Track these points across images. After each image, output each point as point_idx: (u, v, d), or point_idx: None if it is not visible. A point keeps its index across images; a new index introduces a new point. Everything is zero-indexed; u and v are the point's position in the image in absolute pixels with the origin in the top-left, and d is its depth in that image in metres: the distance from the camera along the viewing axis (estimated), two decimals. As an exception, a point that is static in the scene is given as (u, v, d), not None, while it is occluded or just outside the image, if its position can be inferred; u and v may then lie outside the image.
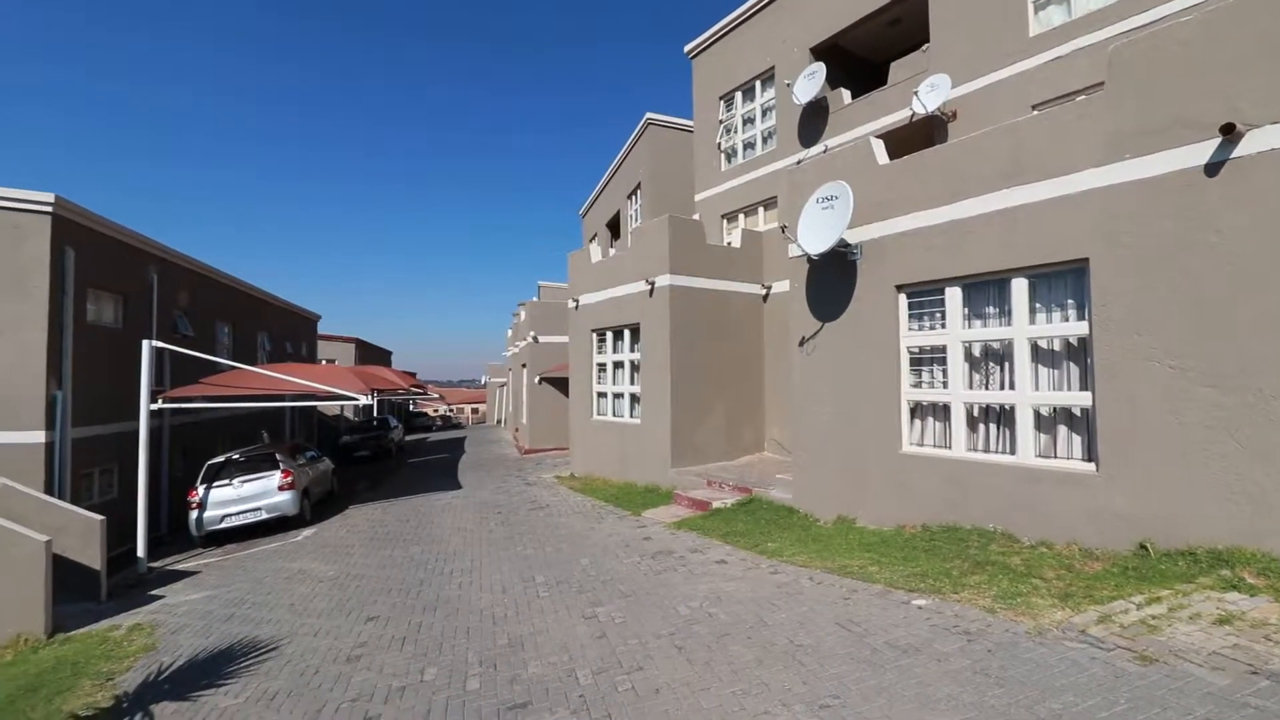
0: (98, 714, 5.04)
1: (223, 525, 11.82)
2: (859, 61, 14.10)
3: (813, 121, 13.44)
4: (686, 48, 16.96)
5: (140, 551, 10.37)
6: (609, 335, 14.47)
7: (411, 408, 47.09)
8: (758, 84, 15.05)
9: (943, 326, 7.47)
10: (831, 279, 8.60)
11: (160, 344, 11.24)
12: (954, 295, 7.34)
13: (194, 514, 11.80)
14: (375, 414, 27.55)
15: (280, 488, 12.16)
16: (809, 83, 12.97)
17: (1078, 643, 4.41)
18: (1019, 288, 6.75)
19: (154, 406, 11.14)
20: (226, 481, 12.08)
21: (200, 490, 11.97)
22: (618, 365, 14.27)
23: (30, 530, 7.93)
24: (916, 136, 11.43)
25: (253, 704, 4.87)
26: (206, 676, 5.51)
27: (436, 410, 58.00)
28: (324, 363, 28.52)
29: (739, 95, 15.56)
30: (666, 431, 12.22)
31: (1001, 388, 6.99)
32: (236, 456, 12.75)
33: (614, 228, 25.72)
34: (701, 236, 13.01)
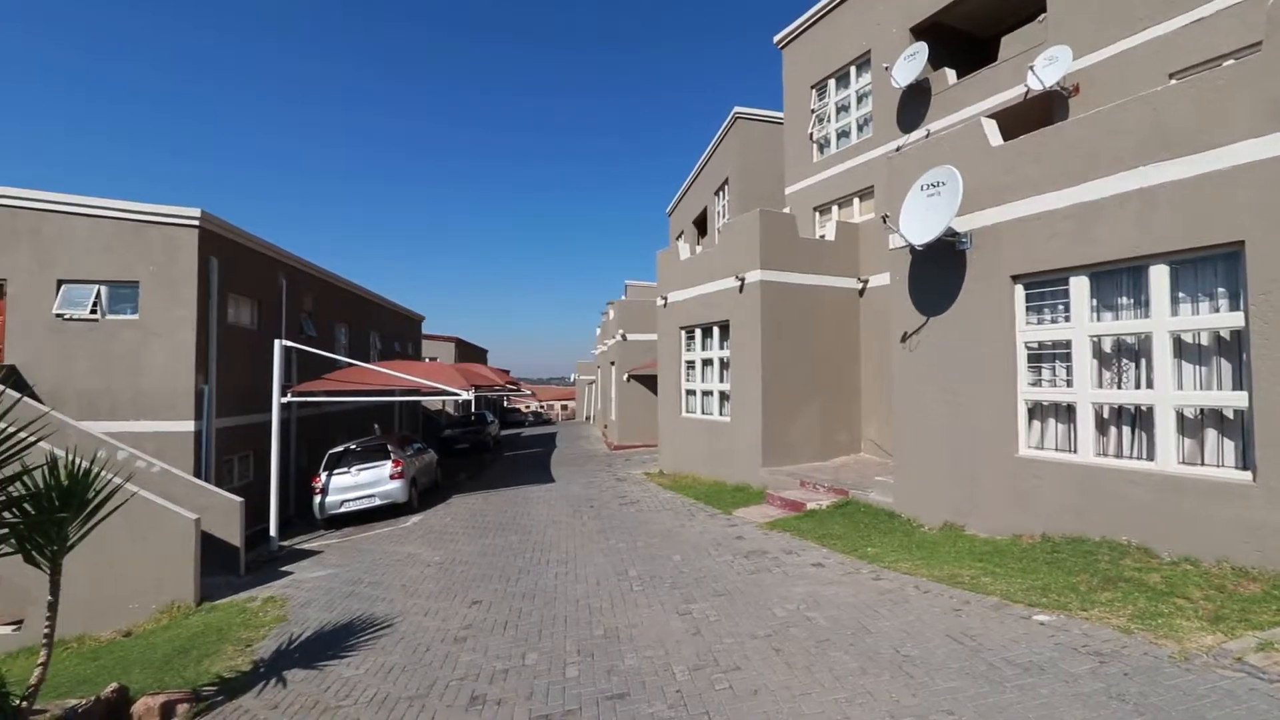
0: (238, 676, 5.59)
1: (342, 509, 12.83)
2: (964, 38, 13.23)
3: (913, 105, 12.75)
4: (776, 38, 16.57)
5: (272, 531, 11.43)
6: (698, 332, 14.40)
7: (505, 404, 49.03)
8: (852, 69, 14.47)
9: (1066, 320, 6.87)
10: (937, 270, 8.12)
11: (289, 343, 12.34)
12: (1080, 285, 6.73)
13: (317, 498, 12.88)
14: (473, 409, 28.91)
15: (391, 476, 13.03)
16: (909, 64, 12.31)
17: (1233, 671, 3.93)
18: (1159, 276, 6.09)
19: (284, 400, 12.23)
20: (345, 469, 13.10)
21: (322, 477, 13.04)
22: (707, 362, 14.19)
23: (183, 509, 8.93)
24: (1031, 115, 10.57)
25: (371, 676, 5.24)
26: (331, 648, 5.98)
27: (528, 407, 60.00)
28: (428, 360, 30.24)
29: (832, 83, 15.02)
30: (757, 430, 12.01)
31: (1137, 387, 6.34)
32: (354, 447, 13.78)
33: (701, 225, 25.58)
34: (793, 230, 12.69)
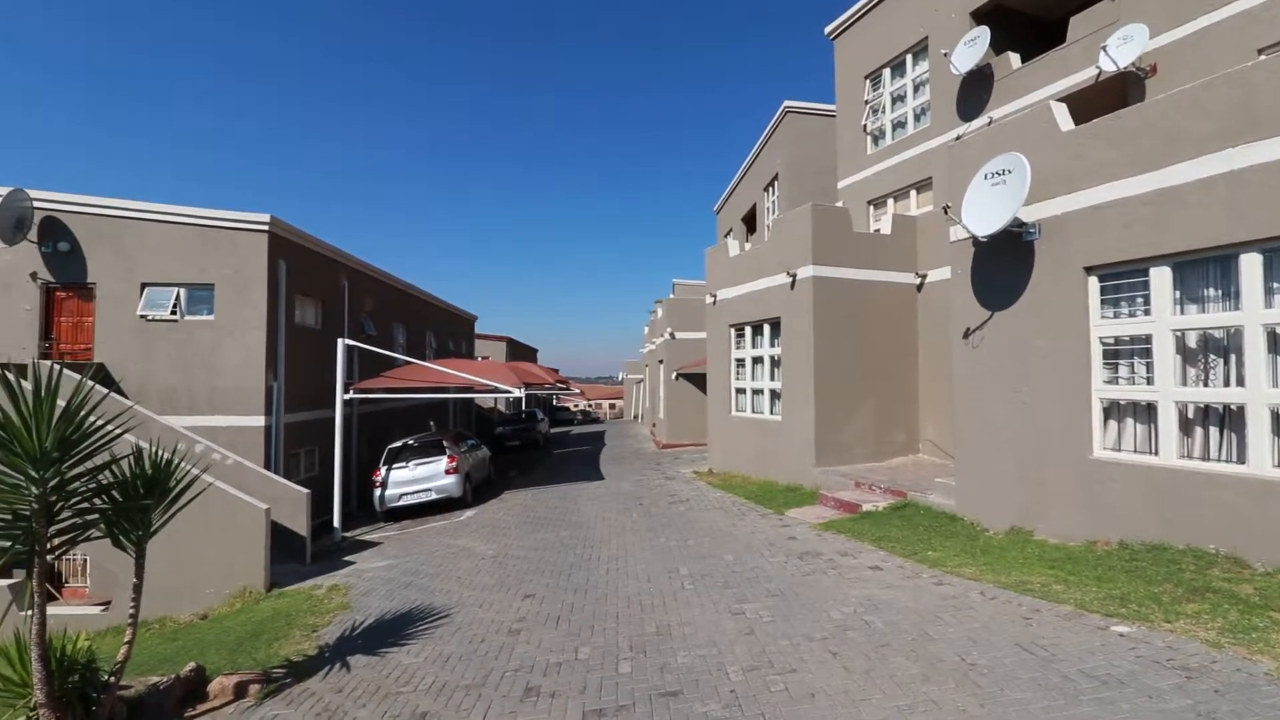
0: (305, 660, 5.83)
1: (400, 503, 13.25)
2: (1028, 21, 12.63)
3: (974, 92, 12.25)
4: (827, 29, 16.20)
5: (336, 522, 11.89)
6: (748, 330, 14.23)
7: (555, 403, 49.65)
8: (908, 58, 14.01)
9: (1146, 313, 6.46)
10: (1002, 263, 7.77)
11: (351, 342, 12.81)
12: (1161, 276, 6.32)
13: (378, 492, 13.35)
14: (524, 407, 29.39)
15: (446, 471, 13.39)
16: (970, 50, 11.83)
17: (1345, 695, 3.60)
18: (1250, 265, 5.65)
19: (346, 396, 12.71)
20: (403, 464, 13.52)
21: (382, 471, 13.50)
22: (757, 360, 14.00)
23: (254, 499, 9.37)
24: (1104, 99, 9.99)
25: (430, 664, 5.37)
26: (391, 635, 6.17)
27: (577, 405, 60.57)
28: (480, 359, 30.91)
29: (887, 72, 14.58)
30: (810, 429, 11.77)
31: (1226, 384, 5.91)
32: (411, 442, 14.22)
33: (750, 222, 25.27)
34: (847, 224, 12.38)
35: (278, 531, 9.96)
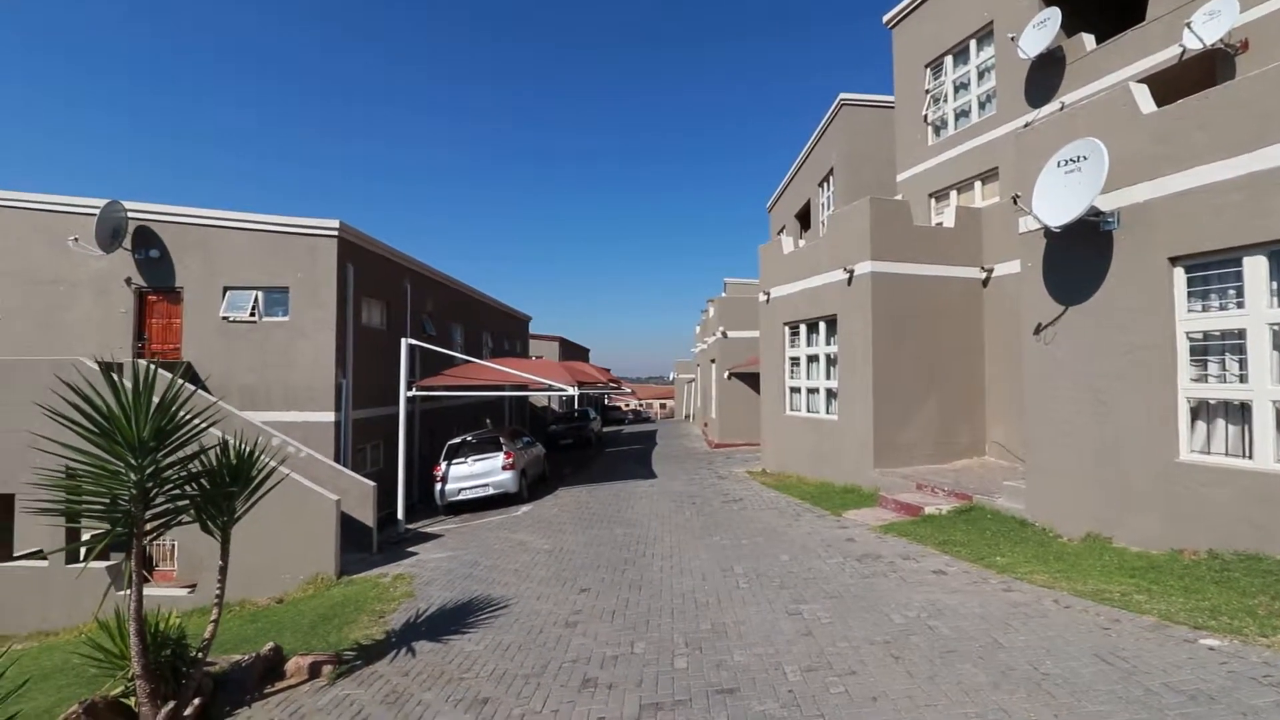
0: (374, 644, 6.09)
1: (460, 497, 13.66)
2: (1101, 1, 11.95)
3: (1044, 77, 11.67)
4: (885, 17, 15.74)
5: (400, 515, 12.35)
6: (802, 328, 13.99)
7: (606, 402, 50.07)
8: (972, 44, 13.47)
9: (1238, 306, 6.02)
10: (1077, 254, 7.39)
11: (414, 341, 13.29)
12: (1255, 266, 5.87)
13: (438, 486, 13.80)
14: (576, 406, 29.75)
15: (503, 467, 13.72)
16: (1039, 33, 11.28)
17: None
18: (1364, 252, 5.19)
19: (410, 394, 13.19)
20: (462, 460, 13.93)
21: (443, 466, 13.94)
22: (812, 359, 13.75)
23: (326, 490, 9.84)
24: (1188, 79, 9.34)
25: (490, 652, 5.52)
26: (453, 624, 6.37)
27: (628, 405, 60.92)
28: (534, 358, 31.49)
29: (949, 60, 14.06)
30: (868, 430, 11.48)
31: (1334, 382, 5.44)
32: (469, 438, 14.63)
33: (804, 219, 24.82)
34: (907, 218, 12.00)
35: (346, 522, 10.43)
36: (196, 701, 4.84)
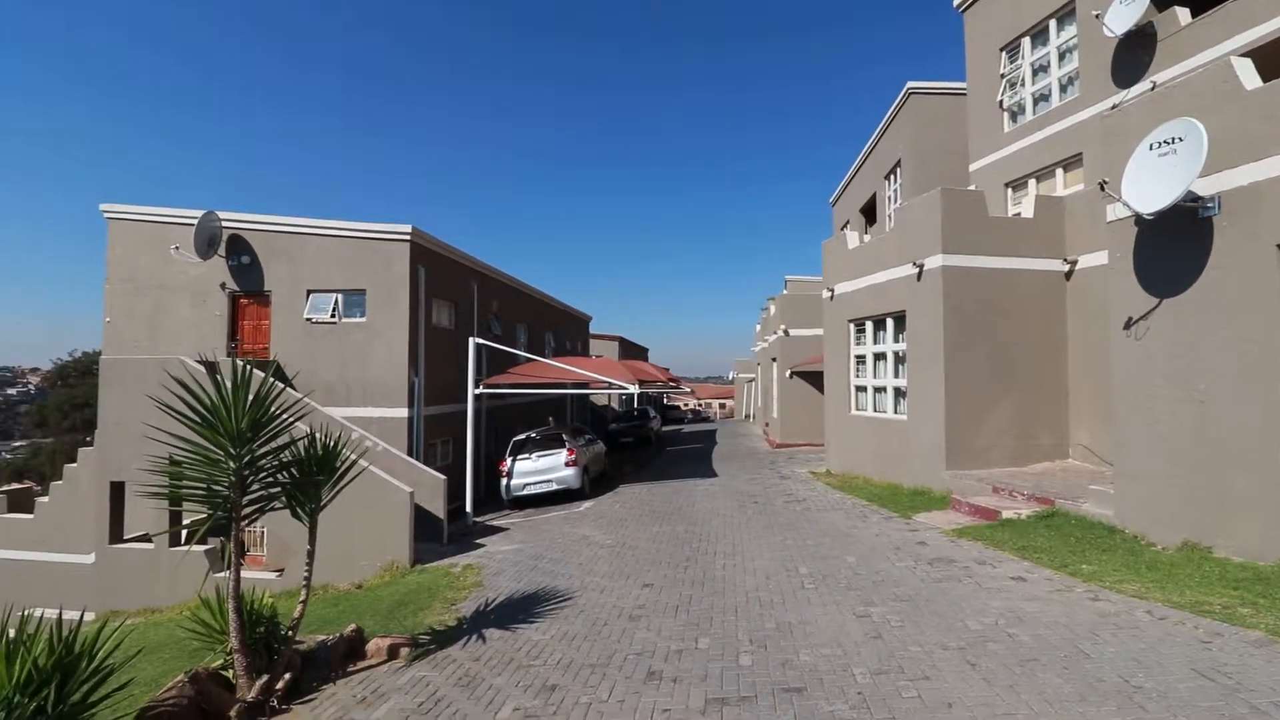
0: (446, 630, 6.34)
1: (524, 492, 14.02)
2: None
3: (1132, 55, 10.94)
4: (956, 0, 15.14)
5: (468, 508, 12.79)
6: (868, 325, 13.61)
7: (665, 401, 50.12)
8: (1051, 24, 12.78)
9: (1365, 296, 5.47)
10: (1173, 243, 6.89)
11: (481, 341, 13.73)
12: (1387, 252, 5.33)
13: (504, 481, 14.21)
14: (636, 405, 29.92)
15: (566, 463, 13.98)
16: (1128, 9, 10.60)
17: None
18: None
19: (477, 391, 13.64)
20: (527, 456, 14.29)
21: (508, 461, 14.34)
22: (879, 357, 13.35)
23: (400, 482, 10.30)
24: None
25: (557, 641, 5.66)
26: (520, 613, 6.55)
27: (687, 404, 60.77)
28: (595, 357, 31.90)
29: (1026, 42, 13.38)
30: (939, 431, 11.05)
31: None
32: (534, 435, 14.98)
33: (869, 213, 24.12)
34: (981, 208, 11.48)
35: (418, 513, 10.87)
36: (287, 676, 5.17)
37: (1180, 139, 6.45)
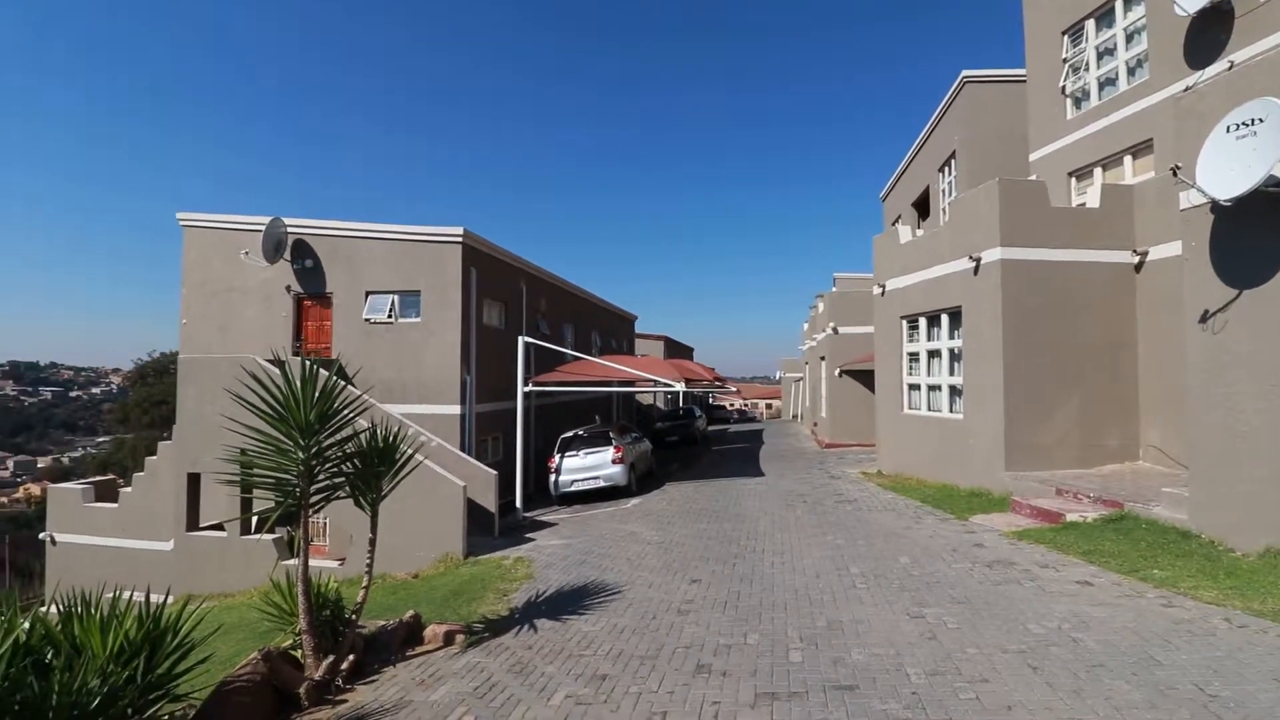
0: (499, 619, 6.51)
1: (572, 488, 14.24)
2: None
3: (1207, 34, 10.33)
4: (1017, -16, 14.58)
5: (518, 503, 13.08)
6: (921, 322, 13.25)
7: (711, 401, 49.88)
8: (1118, 4, 12.17)
9: None
10: (1253, 230, 6.49)
11: (530, 339, 14.01)
12: None
13: (553, 477, 14.46)
14: (682, 404, 29.93)
15: (613, 461, 14.13)
16: (1204, -16, 10.01)
17: None
18: None
19: (526, 389, 13.92)
20: (574, 453, 14.51)
21: (556, 458, 14.58)
22: (933, 354, 12.99)
23: (454, 477, 10.61)
24: None
25: (606, 633, 5.74)
26: (570, 605, 6.68)
27: (733, 404, 60.29)
28: (640, 356, 32.04)
29: (1090, 24, 12.78)
30: (998, 430, 10.67)
31: None
32: (581, 433, 15.20)
33: (921, 207, 23.43)
34: (1043, 199, 11.03)
35: (471, 507, 11.19)
36: (351, 658, 5.42)
37: (1261, 120, 6.07)
